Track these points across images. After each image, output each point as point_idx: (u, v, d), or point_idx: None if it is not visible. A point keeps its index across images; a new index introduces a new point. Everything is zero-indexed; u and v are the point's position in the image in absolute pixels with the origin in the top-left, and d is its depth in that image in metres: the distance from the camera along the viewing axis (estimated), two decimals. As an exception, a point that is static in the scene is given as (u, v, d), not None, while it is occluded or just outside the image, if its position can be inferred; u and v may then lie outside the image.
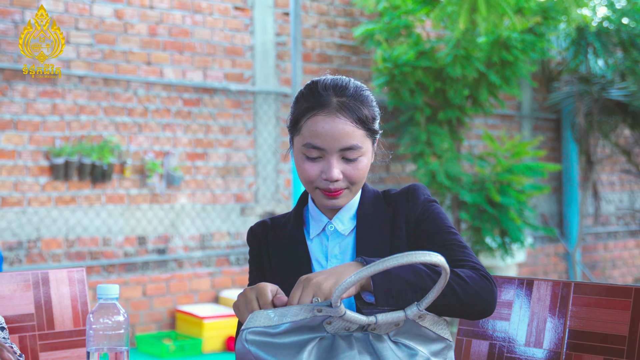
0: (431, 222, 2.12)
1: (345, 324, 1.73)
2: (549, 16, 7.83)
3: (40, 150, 6.56)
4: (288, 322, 1.72)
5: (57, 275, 2.57)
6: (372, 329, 1.76)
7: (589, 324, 2.20)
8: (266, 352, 1.70)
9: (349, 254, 2.16)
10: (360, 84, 2.15)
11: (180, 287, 7.23)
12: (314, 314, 1.71)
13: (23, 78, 6.46)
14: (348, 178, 2.08)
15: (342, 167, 2.07)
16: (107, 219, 6.86)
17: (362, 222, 2.16)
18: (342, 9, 8.36)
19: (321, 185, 2.09)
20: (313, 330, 1.73)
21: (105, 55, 6.88)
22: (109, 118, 6.87)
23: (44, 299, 2.52)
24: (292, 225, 2.23)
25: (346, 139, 2.05)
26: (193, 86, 7.30)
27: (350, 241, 2.17)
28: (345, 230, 2.17)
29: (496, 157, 8.03)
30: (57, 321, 2.52)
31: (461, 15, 7.03)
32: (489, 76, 7.60)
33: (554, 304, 2.28)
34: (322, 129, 2.05)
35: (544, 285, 2.33)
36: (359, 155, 2.07)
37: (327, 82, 2.11)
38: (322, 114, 2.06)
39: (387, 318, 1.75)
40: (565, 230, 10.19)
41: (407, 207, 2.15)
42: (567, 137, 10.13)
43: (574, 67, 9.25)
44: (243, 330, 1.73)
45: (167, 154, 7.13)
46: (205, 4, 7.42)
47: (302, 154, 2.10)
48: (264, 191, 7.75)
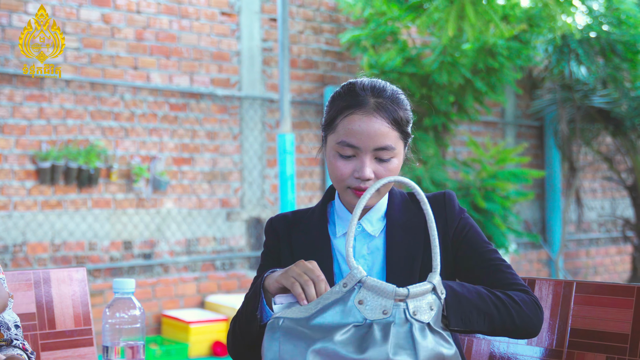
0: (472, 239, 2.19)
1: (379, 301, 1.73)
2: (534, 24, 7.88)
3: (27, 154, 6.53)
4: (321, 307, 1.73)
5: (58, 275, 2.57)
6: (413, 314, 1.77)
7: (591, 322, 2.22)
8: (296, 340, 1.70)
9: (379, 255, 2.18)
10: (396, 88, 2.16)
11: (166, 292, 7.22)
12: (342, 292, 1.73)
13: (9, 81, 6.44)
14: (379, 178, 2.08)
15: (374, 167, 2.08)
16: (93, 224, 6.84)
17: (393, 224, 2.18)
18: (328, 15, 8.39)
19: (352, 184, 2.10)
20: (347, 315, 1.74)
21: (92, 60, 6.86)
22: (95, 122, 6.85)
23: (45, 299, 2.52)
24: (317, 222, 2.24)
25: (381, 138, 2.07)
26: (179, 91, 7.30)
27: (380, 243, 2.18)
28: (375, 231, 2.18)
29: (481, 164, 8.06)
30: (58, 321, 2.52)
31: (449, 22, 7.05)
32: (475, 83, 7.64)
33: (556, 303, 2.30)
34: (359, 128, 2.07)
35: (546, 285, 2.35)
36: (391, 156, 2.09)
37: (365, 83, 2.14)
38: (359, 112, 2.08)
39: (417, 290, 1.77)
40: (548, 236, 10.25)
41: (444, 215, 2.18)
42: (550, 144, 10.19)
43: (556, 74, 9.31)
44: (279, 318, 1.74)
45: (154, 158, 7.12)
46: (192, 9, 7.42)
47: (336, 152, 2.12)
48: (250, 196, 7.75)
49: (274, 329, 1.74)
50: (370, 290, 1.73)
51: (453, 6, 7.06)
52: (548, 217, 10.27)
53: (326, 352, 1.69)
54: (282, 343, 1.72)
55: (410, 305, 1.77)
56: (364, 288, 1.73)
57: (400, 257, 2.14)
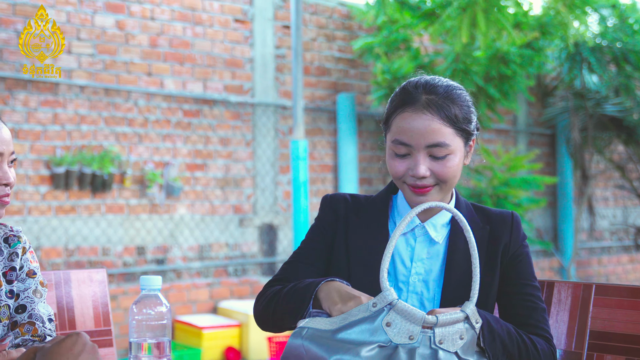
0: (523, 268, 2.18)
1: (407, 326, 1.73)
2: (546, 31, 7.89)
3: (41, 159, 6.56)
4: (348, 322, 1.74)
5: (79, 276, 2.59)
6: (439, 342, 1.77)
7: (610, 324, 2.23)
8: (320, 346, 1.71)
9: (438, 261, 2.16)
10: (455, 84, 2.14)
11: (178, 298, 7.23)
12: (370, 311, 1.73)
13: (25, 87, 6.48)
14: (436, 176, 2.07)
15: (429, 165, 2.06)
16: (106, 229, 6.86)
17: (457, 233, 2.15)
18: (341, 23, 8.41)
19: (409, 181, 2.08)
20: (373, 334, 1.73)
21: (107, 66, 6.90)
22: (109, 128, 6.88)
23: (66, 299, 2.54)
24: (377, 214, 2.22)
25: (432, 135, 2.04)
26: (193, 97, 7.33)
27: (442, 249, 2.16)
28: (438, 237, 2.16)
29: (493, 171, 8.07)
30: (78, 321, 2.54)
31: (462, 29, 7.08)
32: (488, 90, 7.64)
33: (575, 305, 2.31)
34: (409, 125, 2.06)
35: (565, 288, 2.35)
36: (447, 153, 2.06)
37: (419, 81, 2.12)
38: (409, 110, 2.07)
39: (447, 318, 1.77)
40: (560, 244, 10.23)
41: (509, 236, 2.17)
42: (562, 152, 10.18)
43: (568, 82, 9.31)
44: (303, 328, 1.75)
45: (167, 164, 7.15)
46: (206, 16, 7.45)
47: (392, 151, 2.10)
48: (263, 203, 7.77)
49: (297, 337, 1.76)
50: (399, 314, 1.73)
51: (465, 14, 7.08)
52: (560, 225, 10.26)
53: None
54: (306, 348, 1.73)
55: (438, 333, 1.77)
56: (393, 310, 1.73)
57: (460, 268, 2.13)
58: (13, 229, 2.29)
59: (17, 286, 2.21)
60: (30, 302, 2.18)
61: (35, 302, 2.19)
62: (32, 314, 2.17)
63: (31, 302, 2.18)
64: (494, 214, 2.20)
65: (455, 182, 2.12)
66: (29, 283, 2.22)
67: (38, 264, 2.29)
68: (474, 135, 2.15)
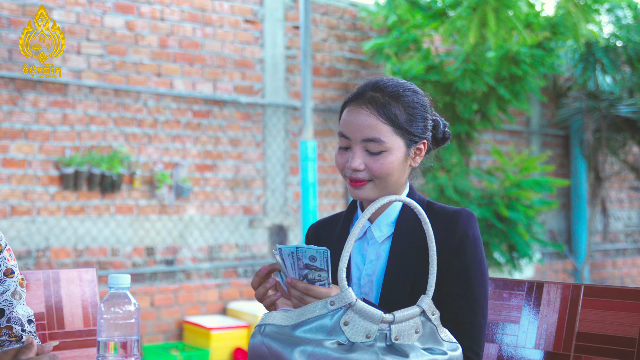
0: (462, 266, 2.12)
1: (364, 325, 1.72)
2: (557, 31, 7.84)
3: (50, 159, 6.58)
4: (305, 319, 1.73)
5: (68, 275, 2.58)
6: (395, 338, 1.76)
7: (599, 326, 2.20)
8: (280, 343, 1.71)
9: (381, 261, 2.18)
10: (410, 87, 2.18)
11: (188, 298, 7.24)
12: (328, 308, 1.72)
13: (34, 88, 6.50)
14: (370, 171, 2.11)
15: (365, 159, 2.11)
16: (115, 229, 6.87)
17: (400, 232, 2.17)
18: (352, 23, 8.39)
19: (347, 173, 2.14)
20: (331, 333, 1.73)
21: (116, 66, 6.91)
22: (118, 129, 6.89)
23: (55, 299, 2.53)
24: (341, 226, 2.28)
25: (368, 130, 2.09)
26: (203, 98, 7.33)
27: (386, 249, 2.18)
28: (381, 237, 2.19)
29: (504, 172, 8.02)
30: (67, 321, 2.53)
31: (471, 29, 7.05)
32: (498, 90, 7.61)
33: (564, 306, 2.28)
34: (349, 119, 2.13)
35: (554, 288, 2.33)
36: (382, 149, 2.10)
37: (372, 79, 2.19)
38: (352, 104, 2.14)
39: (404, 314, 1.77)
40: (574, 246, 10.17)
41: (447, 232, 2.13)
42: (575, 154, 10.12)
43: (582, 83, 9.25)
44: (261, 325, 1.75)
45: (177, 165, 7.15)
46: (216, 17, 7.45)
47: (338, 144, 2.18)
48: (273, 204, 7.76)
49: (256, 335, 1.76)
50: (357, 313, 1.73)
51: (475, 14, 7.06)
52: (574, 227, 10.19)
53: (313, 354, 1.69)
54: (267, 346, 1.73)
55: (394, 329, 1.77)
56: (351, 310, 1.73)
57: (399, 268, 2.13)
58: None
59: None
60: (9, 305, 2.15)
61: (14, 305, 2.16)
62: (10, 317, 2.14)
63: (9, 305, 2.15)
64: (442, 210, 2.18)
65: (392, 180, 2.14)
66: (7, 284, 2.18)
67: (16, 262, 2.25)
68: (423, 139, 2.17)
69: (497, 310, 2.42)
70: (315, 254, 1.91)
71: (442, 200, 7.55)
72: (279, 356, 1.70)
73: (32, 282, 2.51)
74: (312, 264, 1.93)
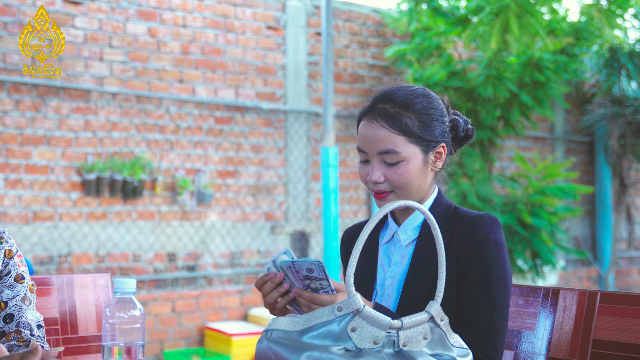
0: (482, 270, 2.09)
1: (372, 331, 1.71)
2: (581, 37, 7.79)
3: (73, 166, 6.61)
4: (311, 325, 1.72)
5: (82, 280, 2.58)
6: (403, 345, 1.75)
7: (615, 333, 2.17)
8: (287, 348, 1.70)
9: (404, 264, 2.19)
10: (420, 92, 2.19)
11: (209, 304, 7.23)
12: (335, 314, 1.71)
13: (57, 94, 6.53)
14: (390, 182, 2.14)
15: (384, 171, 2.13)
16: (137, 235, 6.89)
17: (424, 236, 2.18)
18: (375, 30, 8.38)
19: (370, 187, 2.17)
20: (338, 339, 1.72)
21: (138, 73, 6.93)
22: (140, 135, 6.91)
23: (68, 304, 2.53)
24: (374, 228, 2.29)
25: (381, 143, 2.12)
26: (225, 104, 7.33)
27: (410, 252, 2.19)
28: (406, 240, 2.21)
29: (528, 179, 7.98)
30: (80, 326, 2.53)
31: (493, 35, 7.01)
32: (521, 97, 7.56)
33: (580, 313, 2.25)
34: (363, 133, 2.16)
35: (570, 295, 2.30)
36: (398, 160, 2.12)
37: (380, 90, 2.22)
38: (365, 119, 2.18)
39: (412, 320, 1.75)
40: (599, 253, 10.08)
41: (468, 236, 2.12)
42: (600, 160, 10.04)
43: (606, 89, 9.18)
44: (268, 330, 1.74)
45: (198, 171, 7.16)
46: (238, 23, 7.46)
47: (359, 158, 2.20)
48: (295, 210, 7.75)
49: (263, 341, 1.75)
50: (365, 319, 1.71)
51: (498, 19, 7.02)
52: (598, 234, 10.11)
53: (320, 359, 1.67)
54: (273, 351, 1.72)
55: (402, 335, 1.75)
56: (359, 316, 1.71)
57: (420, 272, 2.14)
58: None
59: (6, 294, 2.18)
60: (18, 310, 2.16)
61: (24, 310, 2.16)
62: (19, 322, 2.15)
63: (19, 310, 2.16)
64: (464, 215, 2.17)
65: (414, 188, 2.16)
66: (18, 290, 2.19)
67: (27, 268, 2.26)
68: (441, 142, 2.18)
69: (513, 317, 2.40)
70: (310, 266, 1.92)
71: (464, 206, 7.50)
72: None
73: (46, 287, 2.51)
74: (311, 275, 1.94)
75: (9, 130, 6.35)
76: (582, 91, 9.91)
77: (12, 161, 6.36)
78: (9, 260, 2.22)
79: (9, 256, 2.23)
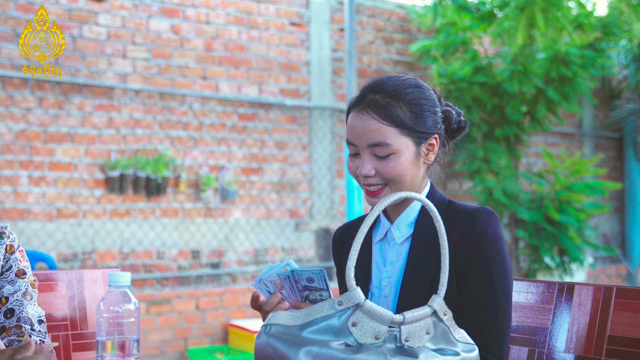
0: (482, 266, 2.03)
1: (372, 326, 1.67)
2: (609, 32, 7.69)
3: (96, 163, 6.61)
4: (311, 319, 1.68)
5: (92, 276, 2.56)
6: (405, 340, 1.70)
7: (631, 329, 2.11)
8: (285, 343, 1.66)
9: (400, 262, 2.13)
10: (411, 83, 2.10)
11: (233, 302, 7.22)
12: (335, 309, 1.67)
13: (80, 91, 6.54)
14: (381, 175, 2.06)
15: (375, 164, 2.06)
16: (161, 232, 6.88)
17: (419, 232, 2.11)
18: (399, 26, 8.32)
19: (361, 181, 2.10)
20: (339, 334, 1.68)
21: (161, 70, 6.93)
22: (164, 132, 6.91)
23: (78, 299, 2.51)
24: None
25: (372, 135, 2.04)
26: (248, 101, 7.31)
27: (405, 250, 2.13)
28: (401, 237, 2.14)
29: (555, 175, 7.89)
30: (90, 321, 2.51)
31: (519, 30, 6.94)
32: (547, 92, 7.48)
33: (595, 309, 2.20)
34: (353, 125, 2.08)
35: (585, 290, 2.25)
36: (389, 152, 2.04)
37: (370, 81, 2.13)
38: (354, 110, 2.09)
39: (414, 315, 1.70)
40: (628, 251, 9.97)
41: (465, 231, 2.05)
42: (629, 156, 9.92)
43: (635, 84, 9.07)
44: (267, 325, 1.71)
45: (222, 168, 7.14)
46: (262, 20, 7.44)
47: (349, 152, 2.14)
48: (319, 207, 7.72)
49: (262, 335, 1.72)
50: (365, 314, 1.67)
51: (523, 14, 6.95)
52: (628, 231, 9.99)
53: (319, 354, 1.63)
54: (272, 346, 1.68)
55: (404, 330, 1.70)
56: (360, 310, 1.67)
57: (417, 269, 2.07)
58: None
59: (7, 289, 2.17)
60: (19, 305, 2.14)
61: (25, 305, 2.15)
62: (20, 317, 2.14)
63: (20, 305, 2.14)
64: (460, 210, 2.10)
65: (407, 181, 2.08)
66: (19, 285, 2.17)
67: (28, 263, 2.24)
68: (433, 134, 2.10)
69: (527, 313, 2.34)
70: (311, 275, 1.89)
71: (490, 203, 7.44)
72: (284, 356, 1.65)
73: (55, 282, 2.49)
74: (311, 285, 1.91)
75: (32, 128, 6.37)
76: (610, 86, 9.79)
77: (36, 158, 6.38)
78: (10, 256, 2.21)
79: (10, 251, 2.22)
